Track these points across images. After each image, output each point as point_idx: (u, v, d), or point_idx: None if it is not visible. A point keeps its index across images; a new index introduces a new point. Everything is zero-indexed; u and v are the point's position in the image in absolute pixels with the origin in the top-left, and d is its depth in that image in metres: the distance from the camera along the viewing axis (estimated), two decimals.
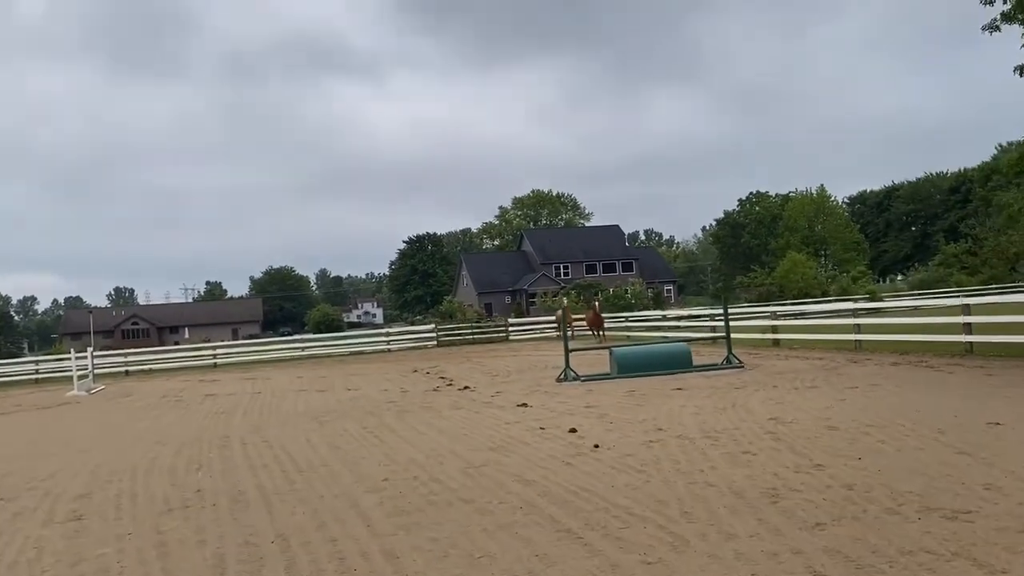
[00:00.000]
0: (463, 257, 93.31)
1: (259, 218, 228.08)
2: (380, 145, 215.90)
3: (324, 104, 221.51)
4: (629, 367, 16.20)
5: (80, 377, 24.04)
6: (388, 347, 36.86)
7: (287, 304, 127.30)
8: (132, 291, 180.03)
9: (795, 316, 23.39)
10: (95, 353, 28.62)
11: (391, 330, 43.30)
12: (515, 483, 7.14)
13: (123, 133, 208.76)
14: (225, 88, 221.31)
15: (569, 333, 33.79)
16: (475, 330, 39.42)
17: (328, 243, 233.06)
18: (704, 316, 28.82)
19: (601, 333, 30.03)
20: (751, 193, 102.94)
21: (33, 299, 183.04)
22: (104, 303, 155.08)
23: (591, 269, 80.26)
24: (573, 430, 9.80)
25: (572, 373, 16.25)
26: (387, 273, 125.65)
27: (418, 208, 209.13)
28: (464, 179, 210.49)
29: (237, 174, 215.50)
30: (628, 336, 30.08)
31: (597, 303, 31.28)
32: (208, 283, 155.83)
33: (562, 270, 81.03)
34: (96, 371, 29.67)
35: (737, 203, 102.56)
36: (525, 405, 12.75)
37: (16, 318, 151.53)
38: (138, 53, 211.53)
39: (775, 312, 22.52)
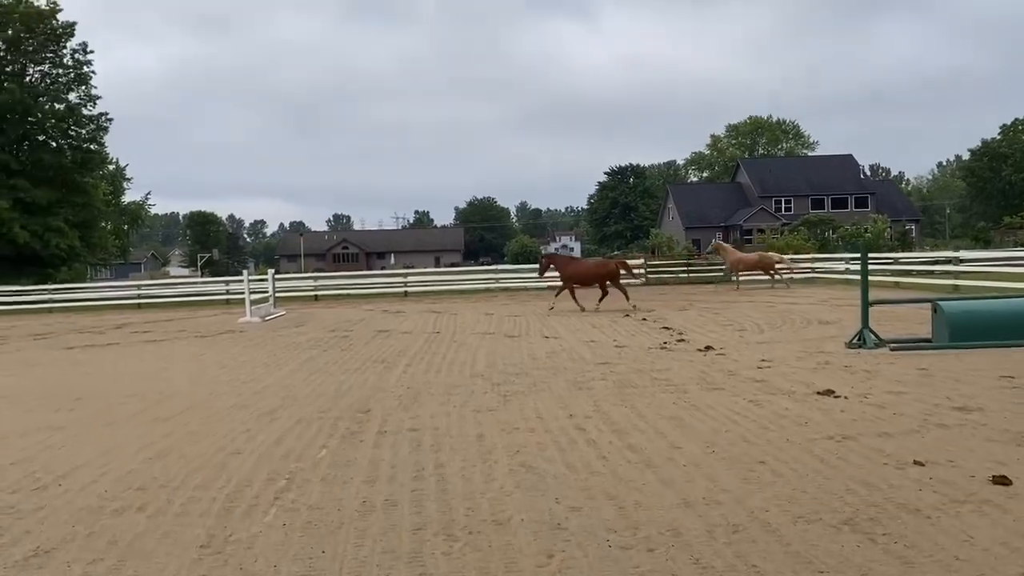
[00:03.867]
0: (669, 188, 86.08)
1: (467, 151, 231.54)
2: (587, 80, 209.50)
3: (536, 42, 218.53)
4: (968, 331, 10.55)
5: (256, 302, 21.75)
6: None
7: (488, 235, 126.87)
8: (349, 218, 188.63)
9: None
10: (277, 276, 26.61)
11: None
12: None
13: (351, 73, 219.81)
14: (444, 28, 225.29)
15: (742, 277, 27.82)
16: (691, 268, 34.06)
17: (530, 177, 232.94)
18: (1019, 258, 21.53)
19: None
20: (1016, 119, 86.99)
21: (262, 223, 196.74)
22: (324, 228, 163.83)
23: (818, 204, 70.48)
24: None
25: (873, 337, 10.89)
26: (586, 207, 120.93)
27: (622, 143, 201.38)
28: (671, 114, 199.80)
29: (450, 109, 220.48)
30: (897, 284, 23.51)
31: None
32: (417, 212, 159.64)
33: (783, 204, 72.14)
34: (285, 294, 27.91)
35: (998, 130, 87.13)
36: (831, 393, 7.73)
37: (248, 239, 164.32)
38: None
39: None
